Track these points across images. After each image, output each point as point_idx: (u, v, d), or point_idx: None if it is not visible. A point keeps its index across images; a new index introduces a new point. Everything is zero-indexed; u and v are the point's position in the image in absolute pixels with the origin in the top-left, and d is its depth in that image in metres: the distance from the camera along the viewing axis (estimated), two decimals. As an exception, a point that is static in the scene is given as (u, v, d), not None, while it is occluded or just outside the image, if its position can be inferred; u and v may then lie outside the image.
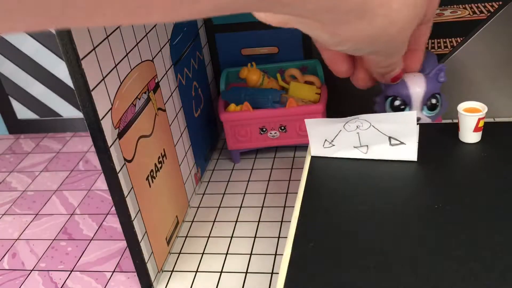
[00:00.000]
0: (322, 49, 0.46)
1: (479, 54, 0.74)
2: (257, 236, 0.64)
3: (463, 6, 0.70)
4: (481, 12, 0.70)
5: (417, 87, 0.56)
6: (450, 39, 0.73)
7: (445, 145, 0.51)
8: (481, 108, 0.50)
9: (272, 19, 0.32)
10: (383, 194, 0.46)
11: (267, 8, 0.24)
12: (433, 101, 0.57)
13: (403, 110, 0.57)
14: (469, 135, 0.50)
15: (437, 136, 0.52)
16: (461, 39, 0.73)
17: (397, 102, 0.57)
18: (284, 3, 0.25)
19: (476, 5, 0.70)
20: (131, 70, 0.53)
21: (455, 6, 0.71)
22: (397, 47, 0.37)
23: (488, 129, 0.51)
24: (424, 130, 0.54)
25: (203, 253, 0.62)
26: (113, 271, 0.63)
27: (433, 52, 0.64)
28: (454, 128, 0.52)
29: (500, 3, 0.69)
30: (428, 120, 0.58)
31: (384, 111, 0.59)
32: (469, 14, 0.71)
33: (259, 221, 0.66)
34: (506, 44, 0.72)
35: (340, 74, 0.49)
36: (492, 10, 0.70)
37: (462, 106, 0.51)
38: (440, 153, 0.50)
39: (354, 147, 0.54)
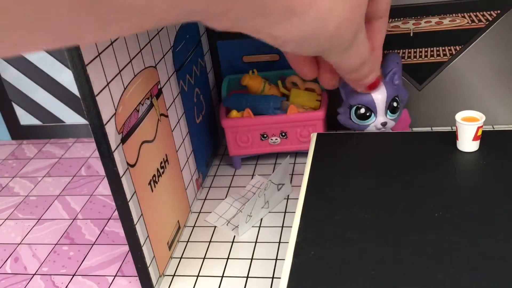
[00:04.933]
0: (284, 53, 0.47)
1: (478, 62, 0.74)
2: (258, 241, 0.64)
3: (462, 14, 0.71)
4: (480, 20, 0.71)
5: (378, 94, 0.58)
6: (449, 47, 0.74)
7: (443, 154, 0.51)
8: (479, 117, 0.51)
9: (217, 25, 0.32)
10: (383, 202, 0.46)
11: (195, 18, 0.25)
12: (394, 104, 0.60)
13: (369, 117, 0.60)
14: (468, 144, 0.51)
15: (436, 145, 0.53)
16: (460, 47, 0.74)
17: (362, 110, 0.60)
18: (211, 13, 0.26)
19: (474, 13, 0.71)
20: (135, 76, 0.54)
21: (454, 14, 0.72)
22: (343, 44, 0.37)
23: (486, 137, 0.52)
24: (423, 139, 0.54)
25: (204, 258, 0.63)
26: (115, 276, 0.64)
27: (395, 52, 0.65)
28: (452, 136, 0.53)
29: (499, 11, 0.70)
30: (393, 123, 0.61)
31: (348, 120, 0.62)
32: (467, 22, 0.72)
33: (260, 226, 0.66)
34: (504, 52, 0.73)
35: (304, 75, 0.49)
36: (490, 19, 0.71)
37: (460, 115, 0.51)
38: (439, 162, 0.50)
39: (262, 207, 0.67)
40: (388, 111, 0.59)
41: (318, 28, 0.32)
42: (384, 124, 0.60)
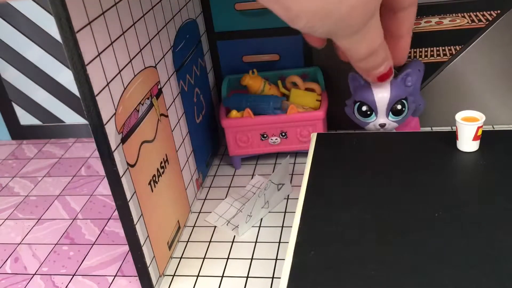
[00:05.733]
0: None
1: (478, 62, 0.74)
2: (258, 241, 0.64)
3: (462, 14, 0.71)
4: (480, 20, 0.71)
5: (381, 93, 0.57)
6: (449, 47, 0.74)
7: (443, 154, 0.51)
8: (479, 117, 0.51)
9: None
10: (383, 202, 0.46)
11: None
12: (398, 106, 0.58)
13: (369, 115, 0.59)
14: (468, 144, 0.51)
15: (436, 145, 0.53)
16: (460, 47, 0.74)
17: (364, 108, 0.58)
18: None
19: (474, 13, 0.71)
20: (135, 76, 0.54)
21: (454, 14, 0.72)
22: (353, 28, 0.36)
23: (486, 137, 0.52)
24: (423, 139, 0.54)
25: (204, 258, 0.63)
26: (115, 275, 0.64)
27: (419, 60, 0.65)
28: (452, 136, 0.53)
29: (499, 12, 0.70)
30: (395, 125, 0.59)
31: (352, 114, 0.61)
32: (467, 22, 0.72)
33: (260, 226, 0.66)
34: (504, 52, 0.73)
35: (314, 45, 0.48)
36: (490, 19, 0.71)
37: (460, 115, 0.51)
38: (439, 162, 0.50)
39: (262, 207, 0.67)
40: (390, 113, 0.58)
41: (333, 4, 0.31)
42: (382, 126, 0.59)
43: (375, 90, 0.57)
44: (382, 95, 0.57)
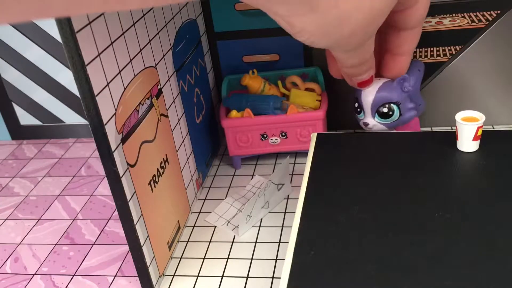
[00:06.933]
0: None
1: (478, 62, 0.74)
2: (258, 241, 0.64)
3: (462, 14, 0.71)
4: (480, 20, 0.71)
5: (365, 94, 0.57)
6: (449, 47, 0.74)
7: (443, 154, 0.51)
8: (479, 117, 0.51)
9: None
10: (383, 202, 0.46)
11: None
12: (384, 109, 0.57)
13: (360, 112, 0.59)
14: (468, 144, 0.51)
15: (436, 145, 0.53)
16: (460, 47, 0.74)
17: (356, 105, 0.59)
18: None
19: (474, 13, 0.71)
20: (135, 76, 0.54)
21: (454, 14, 0.72)
22: (349, 47, 0.38)
23: (486, 137, 0.52)
24: (423, 139, 0.54)
25: (204, 258, 0.63)
26: (115, 276, 0.64)
27: (419, 61, 0.65)
28: (452, 136, 0.53)
29: (499, 12, 0.70)
30: (381, 127, 0.59)
31: (354, 107, 0.62)
32: (467, 22, 0.72)
33: (260, 226, 0.66)
34: (504, 52, 0.73)
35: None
36: (490, 19, 0.71)
37: (460, 115, 0.51)
38: (439, 162, 0.50)
39: (262, 207, 0.67)
40: (376, 114, 0.59)
41: (335, 28, 0.33)
42: (365, 125, 0.60)
43: (363, 90, 0.58)
44: (366, 96, 0.57)
